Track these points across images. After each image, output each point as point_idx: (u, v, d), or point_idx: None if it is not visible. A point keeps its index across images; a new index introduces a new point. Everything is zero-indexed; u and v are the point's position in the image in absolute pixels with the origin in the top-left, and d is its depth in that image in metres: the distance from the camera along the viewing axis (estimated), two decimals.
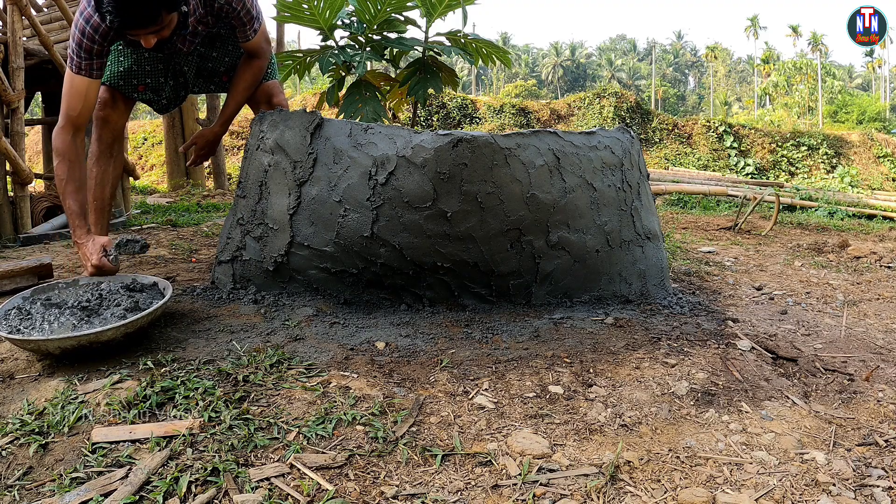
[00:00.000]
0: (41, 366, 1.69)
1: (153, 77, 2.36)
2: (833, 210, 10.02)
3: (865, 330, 2.39)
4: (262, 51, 2.41)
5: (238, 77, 2.43)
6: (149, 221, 4.70)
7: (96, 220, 2.44)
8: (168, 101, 2.49)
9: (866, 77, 64.69)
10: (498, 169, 2.07)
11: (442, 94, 19.72)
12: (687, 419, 1.51)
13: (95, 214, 2.44)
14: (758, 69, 56.24)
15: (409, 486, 1.21)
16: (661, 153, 20.90)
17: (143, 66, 2.33)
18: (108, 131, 2.39)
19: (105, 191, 2.45)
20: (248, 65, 2.42)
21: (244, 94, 2.46)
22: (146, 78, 2.34)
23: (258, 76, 2.46)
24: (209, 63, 2.45)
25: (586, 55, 77.48)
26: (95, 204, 2.44)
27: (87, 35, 1.99)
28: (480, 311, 2.19)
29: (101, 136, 2.40)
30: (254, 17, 2.26)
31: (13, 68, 4.07)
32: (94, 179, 2.42)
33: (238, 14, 2.20)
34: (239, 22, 2.23)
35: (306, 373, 1.66)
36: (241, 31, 2.28)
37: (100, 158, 2.41)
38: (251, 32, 2.30)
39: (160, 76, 2.38)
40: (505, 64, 3.17)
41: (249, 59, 2.42)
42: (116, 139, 2.44)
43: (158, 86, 2.40)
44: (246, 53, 2.41)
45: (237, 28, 2.27)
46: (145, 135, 20.41)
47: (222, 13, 2.19)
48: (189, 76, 2.44)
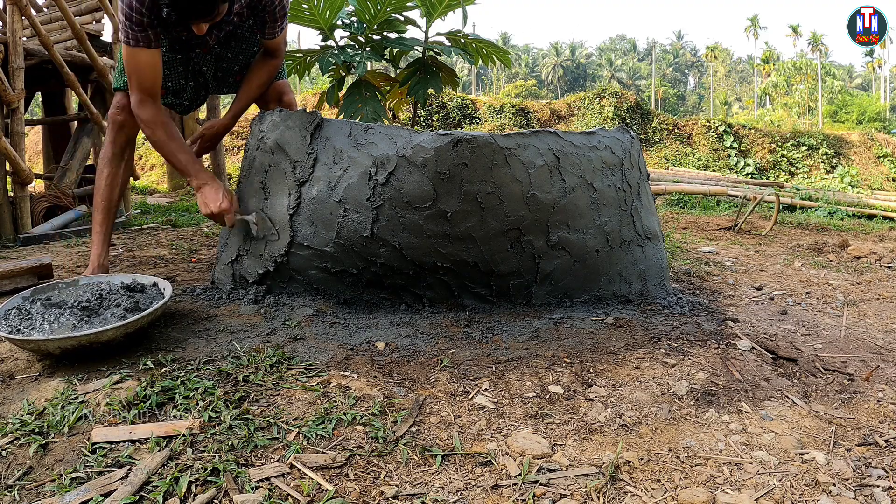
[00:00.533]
0: (41, 366, 1.69)
1: (174, 80, 2.37)
2: (833, 210, 10.02)
3: (865, 330, 2.39)
4: (280, 51, 2.46)
5: (253, 74, 2.45)
6: (149, 221, 4.70)
7: (103, 219, 2.47)
8: (190, 101, 2.51)
9: (866, 77, 64.69)
10: (498, 169, 2.07)
11: (442, 94, 19.72)
12: (687, 419, 1.51)
13: (102, 214, 2.47)
14: (758, 69, 56.25)
15: (409, 486, 1.21)
16: (661, 153, 20.89)
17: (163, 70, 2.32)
18: (124, 135, 2.44)
19: (114, 192, 2.49)
20: (264, 63, 2.45)
21: (257, 91, 2.49)
22: (167, 81, 2.35)
23: (272, 75, 2.49)
24: (224, 63, 2.46)
25: (586, 55, 77.48)
26: (104, 204, 2.47)
27: (134, 9, 1.99)
28: (480, 311, 2.19)
29: (115, 139, 2.44)
30: (286, 13, 2.30)
31: (13, 68, 4.07)
32: (104, 180, 2.46)
33: (274, 8, 2.23)
34: (272, 17, 2.26)
35: (306, 373, 1.66)
36: (270, 26, 2.30)
37: (111, 160, 2.46)
38: (279, 30, 2.33)
39: (181, 78, 2.39)
40: (505, 64, 3.17)
41: (266, 58, 2.44)
42: (129, 143, 2.49)
43: (179, 88, 2.41)
44: (264, 51, 2.43)
45: (268, 23, 2.28)
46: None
47: (259, 6, 2.21)
48: (208, 76, 2.45)
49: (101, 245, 2.45)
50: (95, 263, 2.42)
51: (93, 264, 2.43)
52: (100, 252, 2.44)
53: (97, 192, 2.48)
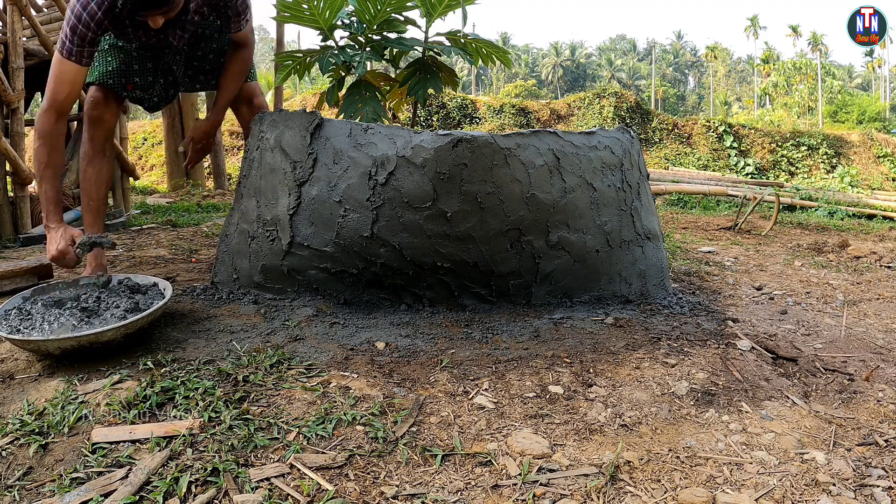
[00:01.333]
0: (41, 366, 1.69)
1: (142, 76, 2.39)
2: (833, 210, 10.02)
3: (865, 330, 2.39)
4: (249, 41, 2.51)
5: (228, 66, 2.51)
6: (149, 221, 4.70)
7: (93, 220, 2.43)
8: (159, 98, 2.53)
9: (866, 77, 64.69)
10: (498, 169, 2.07)
11: (442, 95, 19.72)
12: (687, 419, 1.51)
13: (92, 215, 2.43)
14: (757, 69, 56.24)
15: (409, 486, 1.21)
16: (661, 153, 20.89)
17: (132, 66, 2.37)
18: (101, 131, 2.38)
19: (101, 191, 2.44)
20: (237, 54, 2.50)
21: (236, 81, 2.53)
22: (135, 76, 2.38)
23: (246, 66, 2.54)
24: (195, 62, 2.52)
25: (586, 55, 77.46)
26: (92, 205, 2.42)
27: (82, 21, 2.01)
28: (480, 311, 2.19)
29: (94, 136, 2.37)
30: (248, 6, 2.37)
31: (13, 68, 4.07)
32: (89, 181, 2.40)
33: (236, 4, 2.29)
34: (234, 13, 2.32)
35: (306, 373, 1.66)
36: (234, 21, 2.36)
37: (93, 159, 2.39)
38: (243, 22, 2.40)
39: (149, 75, 2.41)
40: (505, 64, 3.17)
41: (237, 49, 2.50)
42: (108, 139, 2.43)
43: (147, 84, 2.43)
44: (234, 44, 2.49)
45: (231, 18, 2.34)
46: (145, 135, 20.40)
47: (220, 3, 2.25)
48: (178, 74, 2.49)
49: None
50: (94, 264, 2.42)
51: (90, 265, 2.42)
52: (96, 252, 2.42)
53: (84, 193, 2.42)
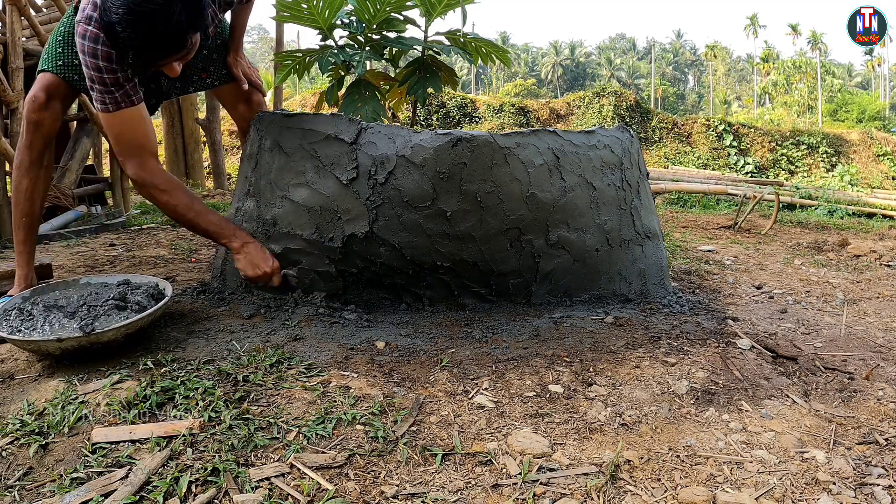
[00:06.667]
0: (41, 366, 1.69)
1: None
2: (833, 209, 10.02)
3: (865, 328, 2.39)
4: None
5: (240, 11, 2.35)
6: (149, 221, 4.70)
7: (26, 237, 2.19)
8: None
9: (866, 76, 64.67)
10: (497, 168, 2.07)
11: (441, 94, 19.72)
12: (687, 418, 1.51)
13: (24, 232, 2.18)
14: (757, 68, 56.26)
15: (409, 486, 1.21)
16: (661, 152, 20.90)
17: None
18: (41, 136, 2.11)
19: (35, 205, 2.18)
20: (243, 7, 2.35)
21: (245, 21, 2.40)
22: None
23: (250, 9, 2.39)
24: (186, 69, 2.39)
25: (586, 54, 77.41)
26: (25, 221, 2.17)
27: (104, 69, 1.79)
28: (480, 311, 2.19)
29: (31, 142, 2.11)
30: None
31: (13, 68, 4.07)
32: (22, 193, 2.14)
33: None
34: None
35: (306, 373, 1.66)
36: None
37: (30, 169, 2.13)
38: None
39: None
40: (504, 63, 3.17)
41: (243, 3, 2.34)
42: (48, 146, 2.17)
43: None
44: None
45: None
46: None
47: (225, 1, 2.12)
48: (163, 83, 2.30)
49: (27, 265, 2.21)
50: (22, 284, 2.19)
51: (18, 286, 2.20)
52: (25, 273, 2.21)
53: (16, 206, 2.16)
